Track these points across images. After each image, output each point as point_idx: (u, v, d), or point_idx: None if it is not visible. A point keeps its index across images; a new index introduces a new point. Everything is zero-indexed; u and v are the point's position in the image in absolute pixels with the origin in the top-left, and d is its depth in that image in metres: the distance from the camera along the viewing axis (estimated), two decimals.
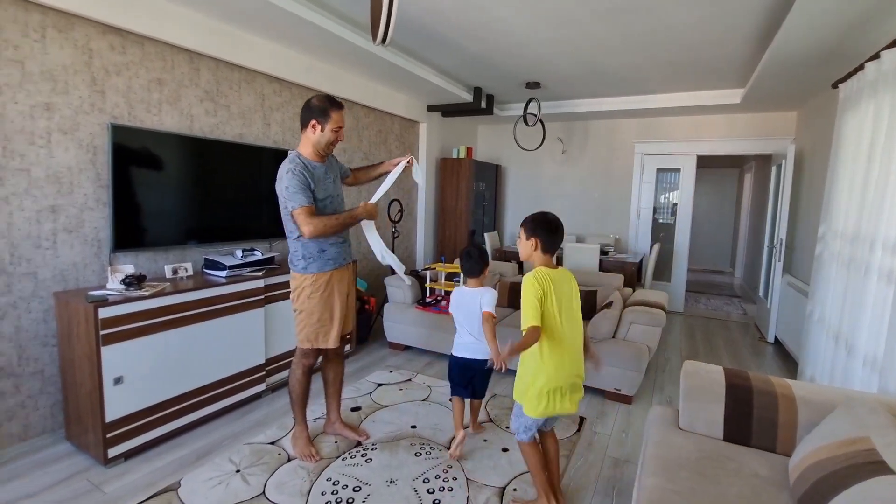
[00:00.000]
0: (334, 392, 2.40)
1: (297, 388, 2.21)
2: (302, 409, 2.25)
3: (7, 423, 2.16)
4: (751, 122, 4.94)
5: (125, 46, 2.47)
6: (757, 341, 4.41)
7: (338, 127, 2.03)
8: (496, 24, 2.98)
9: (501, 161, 6.40)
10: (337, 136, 2.05)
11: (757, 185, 6.86)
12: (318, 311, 2.11)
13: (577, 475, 2.15)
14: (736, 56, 3.43)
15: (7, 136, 2.08)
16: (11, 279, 2.13)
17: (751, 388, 1.75)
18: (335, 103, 2.02)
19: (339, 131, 2.05)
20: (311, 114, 2.01)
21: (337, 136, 2.05)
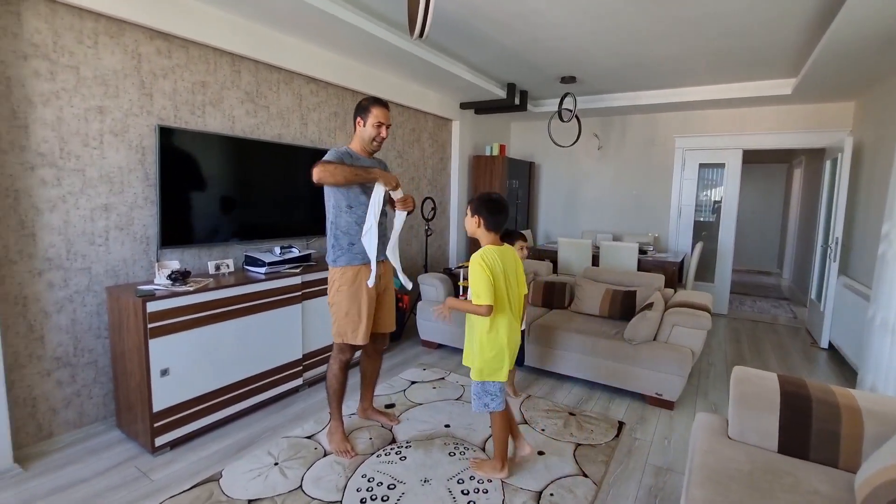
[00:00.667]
0: (368, 384, 2.50)
1: (334, 383, 2.24)
2: (338, 405, 2.27)
3: (64, 410, 2.29)
4: (802, 114, 4.65)
5: (171, 50, 2.56)
6: (808, 347, 4.15)
7: (378, 122, 2.12)
8: (533, 17, 2.91)
9: (535, 158, 6.30)
10: (378, 131, 2.13)
11: (808, 181, 6.46)
12: (345, 306, 2.14)
13: (616, 482, 2.08)
14: (788, 43, 3.22)
15: (64, 139, 2.19)
16: (68, 274, 2.25)
17: (809, 396, 1.63)
18: (378, 101, 2.14)
19: (381, 127, 2.13)
20: (357, 111, 2.17)
21: (378, 132, 2.14)
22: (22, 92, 2.05)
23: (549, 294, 3.68)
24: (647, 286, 3.45)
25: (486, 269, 1.81)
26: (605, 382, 2.98)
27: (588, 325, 3.20)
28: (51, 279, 2.20)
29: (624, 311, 3.31)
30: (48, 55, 2.12)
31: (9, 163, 2.04)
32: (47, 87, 2.12)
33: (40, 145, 2.12)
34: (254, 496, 1.88)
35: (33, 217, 2.12)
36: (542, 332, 3.19)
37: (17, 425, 2.12)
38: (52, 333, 2.22)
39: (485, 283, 1.80)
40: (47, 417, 2.23)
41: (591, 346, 2.99)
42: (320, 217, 3.44)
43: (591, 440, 2.39)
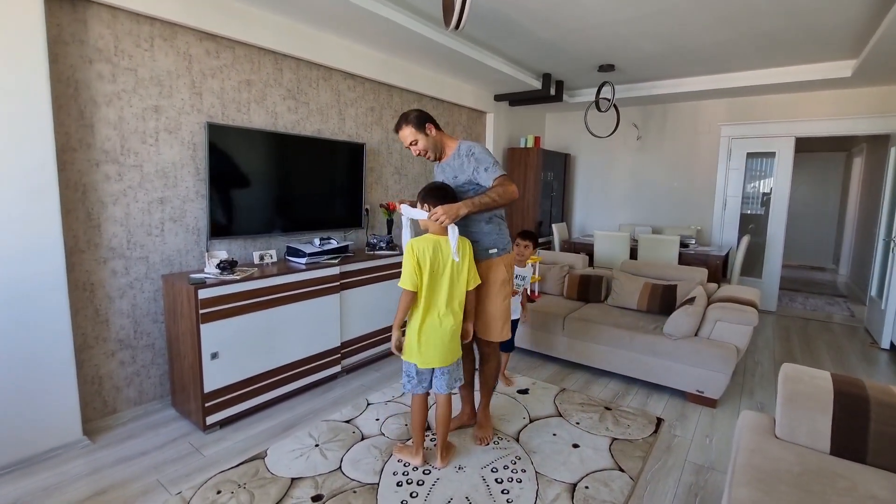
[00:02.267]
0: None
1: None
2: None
3: (126, 388, 2.47)
4: (863, 98, 4.33)
5: (219, 51, 2.69)
6: (867, 346, 3.90)
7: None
8: (570, 6, 2.85)
9: (571, 150, 6.18)
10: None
11: (869, 170, 6.02)
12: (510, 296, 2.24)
13: (654, 478, 2.04)
14: (848, 21, 3.00)
15: (124, 137, 2.35)
16: (129, 262, 2.42)
17: (867, 397, 1.55)
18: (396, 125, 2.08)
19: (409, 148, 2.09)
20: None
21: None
22: (88, 94, 2.22)
23: (584, 287, 3.63)
24: (688, 280, 3.34)
25: (413, 257, 1.87)
26: (643, 378, 2.91)
27: (625, 320, 3.13)
28: (114, 267, 2.37)
29: (664, 306, 3.22)
30: (110, 59, 2.27)
31: (78, 160, 2.21)
32: (110, 88, 2.28)
33: (104, 143, 2.29)
34: (296, 474, 1.98)
35: (99, 210, 2.29)
36: (578, 326, 3.15)
37: (86, 401, 2.32)
38: (115, 317, 2.40)
39: (408, 269, 1.86)
40: (111, 394, 2.42)
41: (629, 340, 2.93)
42: (357, 210, 3.54)
43: (628, 435, 2.35)
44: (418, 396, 2.04)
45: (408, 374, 2.01)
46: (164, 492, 1.88)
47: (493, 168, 1.96)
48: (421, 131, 2.03)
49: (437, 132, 2.07)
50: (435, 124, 2.07)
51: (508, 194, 1.92)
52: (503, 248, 2.10)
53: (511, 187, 1.93)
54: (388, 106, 3.90)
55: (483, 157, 1.99)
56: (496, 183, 1.94)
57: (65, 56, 2.13)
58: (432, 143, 2.06)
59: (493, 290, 2.09)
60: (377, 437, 2.30)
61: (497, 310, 2.11)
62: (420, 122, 2.03)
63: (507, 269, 2.11)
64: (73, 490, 1.88)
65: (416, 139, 2.03)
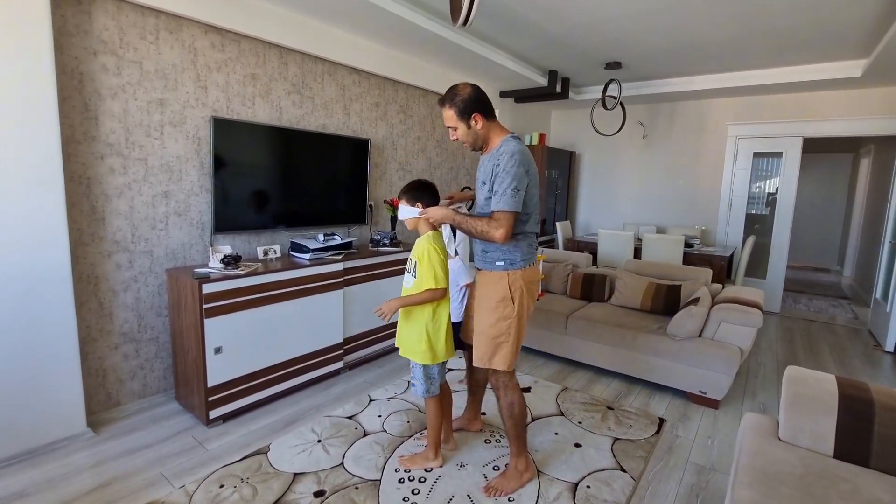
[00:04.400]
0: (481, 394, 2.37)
1: (525, 411, 1.94)
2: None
3: (130, 381, 2.48)
4: (873, 98, 4.28)
5: (224, 44, 2.67)
6: (871, 349, 3.88)
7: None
8: (578, 1, 2.83)
9: (576, 147, 6.15)
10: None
11: (877, 172, 5.97)
12: (525, 316, 1.90)
13: (655, 478, 2.04)
14: (859, 21, 2.97)
15: (129, 130, 2.35)
16: (133, 256, 2.43)
17: (871, 401, 1.54)
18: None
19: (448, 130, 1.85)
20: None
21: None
22: (92, 86, 2.21)
23: (587, 286, 3.62)
24: (692, 281, 3.33)
25: (441, 253, 1.85)
26: (646, 378, 2.91)
27: (628, 319, 3.12)
28: (118, 260, 2.37)
29: (667, 306, 3.21)
30: (115, 51, 2.26)
31: (82, 152, 2.21)
32: (114, 81, 2.27)
33: (109, 136, 2.28)
34: (299, 470, 1.99)
35: (103, 203, 2.29)
36: (581, 325, 3.14)
37: (90, 393, 2.33)
38: (119, 310, 2.40)
39: (441, 267, 1.84)
40: (115, 387, 2.43)
41: (632, 340, 2.92)
42: (360, 205, 3.54)
43: (630, 435, 2.35)
44: (435, 398, 1.99)
45: (430, 377, 1.95)
46: (167, 485, 1.89)
47: (501, 197, 1.67)
48: (464, 121, 1.73)
49: (484, 124, 1.75)
50: (484, 114, 1.75)
51: (488, 237, 1.70)
52: (513, 263, 1.79)
53: (495, 233, 1.67)
54: (392, 101, 3.88)
55: (507, 174, 1.67)
56: (492, 217, 1.70)
57: (69, 48, 2.13)
58: (474, 135, 1.77)
59: (486, 306, 1.82)
60: (379, 433, 2.31)
61: (486, 328, 1.81)
62: (466, 110, 1.72)
63: (513, 288, 1.78)
64: (78, 482, 1.89)
65: (456, 127, 1.75)
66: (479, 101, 1.74)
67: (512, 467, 1.94)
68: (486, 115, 1.76)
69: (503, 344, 1.81)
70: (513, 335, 1.81)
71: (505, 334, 1.80)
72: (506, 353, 1.81)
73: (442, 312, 1.92)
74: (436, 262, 1.83)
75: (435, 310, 1.91)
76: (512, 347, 1.81)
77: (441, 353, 1.93)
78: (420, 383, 1.96)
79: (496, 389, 1.90)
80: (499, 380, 1.88)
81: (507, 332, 1.80)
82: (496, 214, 1.70)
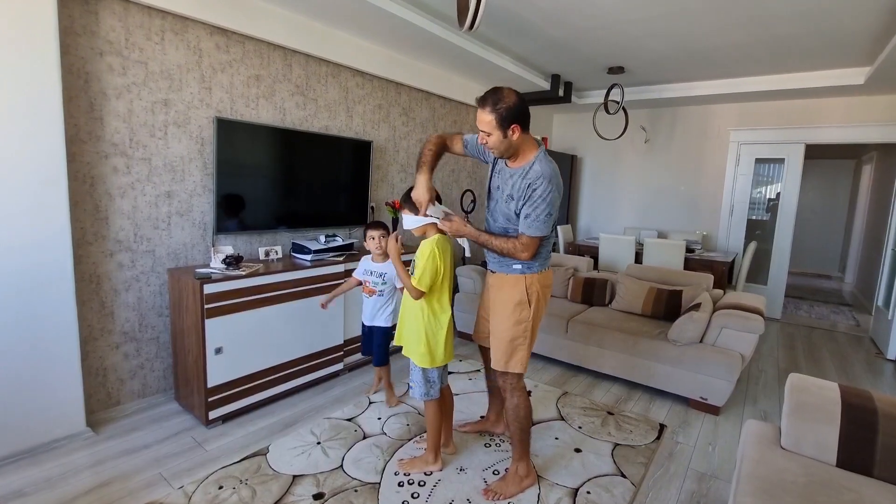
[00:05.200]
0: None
1: (530, 415, 1.95)
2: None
3: (130, 380, 2.48)
4: (875, 106, 4.28)
5: (229, 46, 2.68)
6: (873, 357, 3.87)
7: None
8: (583, 5, 2.83)
9: (577, 151, 6.15)
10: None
11: (879, 178, 5.97)
12: (538, 321, 1.92)
13: (655, 484, 2.03)
14: (863, 28, 2.97)
15: (133, 130, 2.35)
16: (135, 255, 2.43)
17: (875, 409, 1.53)
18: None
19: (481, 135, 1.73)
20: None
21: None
22: (98, 86, 2.22)
23: (588, 291, 3.61)
24: (694, 286, 3.32)
25: (438, 259, 1.83)
26: (646, 383, 2.90)
27: (629, 324, 3.12)
28: (120, 260, 2.38)
29: (668, 311, 3.20)
30: (121, 51, 2.27)
31: (87, 152, 2.21)
32: (120, 81, 2.28)
33: (113, 136, 2.29)
34: (298, 472, 1.98)
35: (106, 202, 2.30)
36: (581, 329, 3.14)
37: (90, 392, 2.32)
38: (121, 310, 2.40)
39: (430, 275, 1.82)
40: (115, 386, 2.43)
41: (633, 345, 2.92)
42: (362, 207, 3.54)
43: (631, 441, 2.34)
44: (435, 402, 1.98)
45: (430, 380, 1.95)
46: (166, 486, 1.89)
47: (534, 222, 1.67)
48: (501, 129, 1.64)
49: (521, 135, 1.68)
50: (523, 125, 1.67)
51: (513, 257, 1.75)
52: (531, 267, 1.80)
53: (522, 255, 1.72)
54: (395, 103, 3.89)
55: (542, 199, 1.65)
56: (520, 240, 1.71)
57: (75, 47, 2.13)
58: (507, 145, 1.69)
59: (503, 310, 1.83)
60: (379, 435, 2.30)
61: (503, 332, 1.82)
62: (507, 119, 1.62)
63: (530, 292, 1.80)
64: (77, 481, 1.89)
65: (491, 133, 1.66)
66: (522, 113, 1.65)
67: (512, 472, 1.94)
68: (524, 127, 1.69)
69: (519, 347, 1.83)
70: (529, 338, 1.84)
71: (521, 337, 1.83)
72: (522, 356, 1.84)
73: (443, 317, 1.91)
74: (430, 268, 1.82)
75: (435, 313, 1.90)
76: (527, 351, 1.85)
77: (440, 356, 1.92)
78: (418, 386, 1.96)
79: (504, 391, 1.91)
80: (507, 381, 1.89)
81: (523, 336, 1.83)
82: (526, 239, 1.71)
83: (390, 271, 2.52)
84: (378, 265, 2.56)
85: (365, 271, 2.58)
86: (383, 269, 2.54)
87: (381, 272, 2.54)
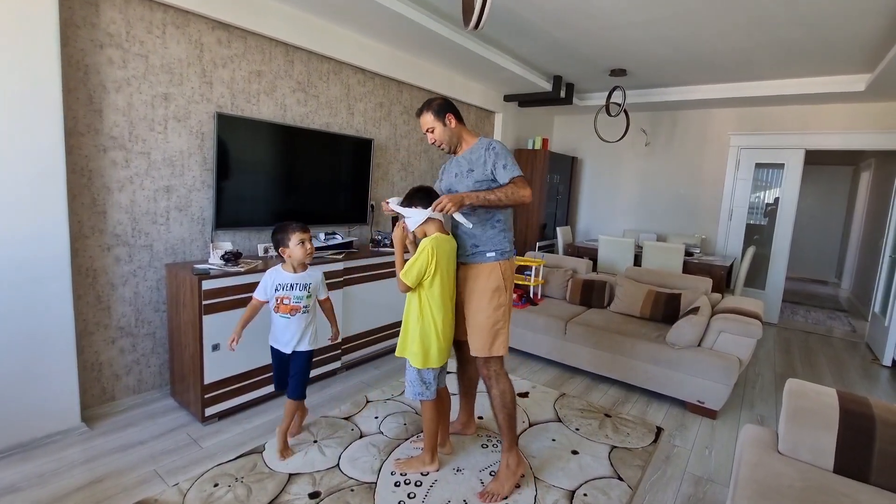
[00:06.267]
0: (472, 393, 2.36)
1: (514, 401, 1.98)
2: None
3: (125, 376, 2.46)
4: (876, 113, 4.30)
5: (230, 41, 2.67)
6: (869, 363, 3.88)
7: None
8: (586, 7, 2.83)
9: (578, 153, 6.15)
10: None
11: (877, 185, 5.99)
12: (510, 305, 2.03)
13: (652, 488, 2.03)
14: (865, 35, 2.98)
15: (133, 123, 2.34)
16: (132, 250, 2.41)
17: (872, 416, 1.53)
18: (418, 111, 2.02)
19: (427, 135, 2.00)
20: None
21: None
22: (98, 79, 2.20)
23: (587, 292, 3.61)
24: (692, 289, 3.32)
25: (433, 258, 1.81)
26: (644, 386, 2.90)
27: (627, 327, 3.12)
28: (118, 254, 2.36)
29: (667, 314, 3.21)
30: (121, 44, 2.25)
31: (85, 145, 2.19)
32: (120, 74, 2.26)
33: (112, 129, 2.27)
34: (294, 470, 1.97)
35: (104, 196, 2.28)
36: (580, 331, 3.13)
37: (85, 387, 2.31)
38: (117, 304, 2.39)
39: (418, 272, 1.81)
40: (111, 382, 2.41)
41: (631, 347, 2.92)
42: (362, 205, 3.53)
43: (628, 443, 2.34)
44: (431, 402, 1.96)
45: (425, 381, 1.93)
46: (160, 482, 1.87)
47: (512, 167, 1.85)
48: (440, 120, 1.93)
49: (457, 124, 1.96)
50: (457, 116, 1.96)
51: (519, 197, 1.80)
52: (503, 253, 1.94)
53: (524, 191, 1.81)
54: (397, 102, 3.88)
55: (503, 153, 1.87)
56: (514, 183, 1.82)
57: (75, 39, 2.12)
58: (449, 134, 1.95)
59: (483, 297, 1.90)
60: (376, 434, 2.29)
61: (484, 319, 1.89)
62: (441, 110, 1.93)
63: (505, 276, 1.92)
64: (70, 477, 1.87)
65: (434, 127, 1.94)
66: (452, 106, 1.97)
67: (503, 466, 1.95)
68: (458, 118, 1.97)
69: (501, 331, 1.92)
70: (507, 321, 1.95)
71: (502, 321, 1.92)
72: (503, 339, 1.93)
73: (437, 317, 1.88)
74: (418, 264, 1.81)
75: (431, 313, 1.88)
76: (507, 334, 1.95)
77: (434, 358, 1.91)
78: (412, 385, 1.95)
79: (488, 379, 1.96)
80: (491, 369, 1.94)
81: (503, 319, 1.93)
82: (518, 179, 1.83)
83: (315, 278, 2.14)
84: (300, 275, 2.09)
85: (280, 286, 2.05)
86: (308, 279, 2.10)
87: (306, 283, 2.09)
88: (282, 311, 2.06)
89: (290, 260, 2.08)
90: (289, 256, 2.07)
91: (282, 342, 2.10)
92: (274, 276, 2.06)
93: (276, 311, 2.07)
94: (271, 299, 2.07)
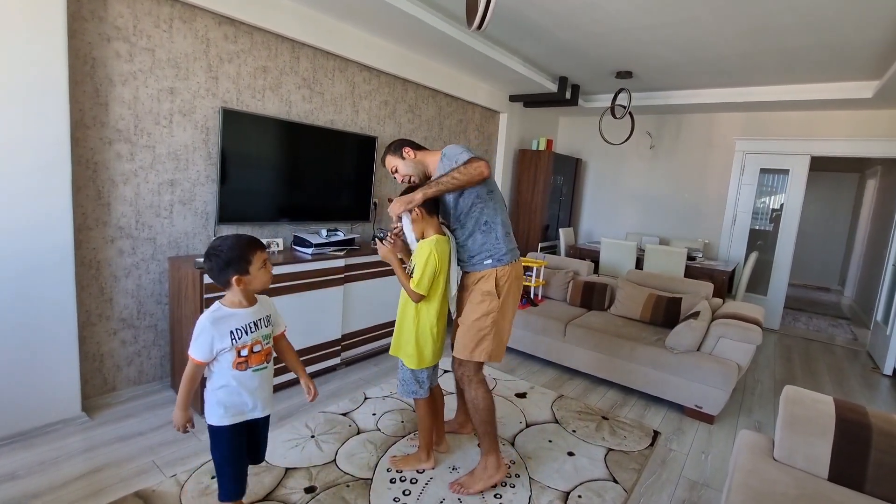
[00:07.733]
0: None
1: (493, 406, 1.98)
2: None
3: (126, 367, 2.48)
4: (883, 120, 4.27)
5: (237, 36, 2.68)
6: (869, 371, 3.87)
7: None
8: (593, 10, 2.83)
9: (582, 155, 6.14)
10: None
11: (883, 193, 5.96)
12: (511, 312, 2.00)
13: (647, 491, 2.04)
14: (873, 42, 2.96)
15: (139, 117, 2.35)
16: (136, 243, 2.43)
17: (869, 425, 1.53)
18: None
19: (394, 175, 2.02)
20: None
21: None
22: (104, 72, 2.21)
23: (588, 294, 3.61)
24: (693, 294, 3.32)
25: (437, 261, 1.80)
26: (642, 389, 2.90)
27: (627, 329, 3.12)
28: (121, 246, 2.38)
29: (667, 318, 3.20)
30: (128, 38, 2.27)
31: (90, 137, 2.21)
32: (126, 67, 2.28)
33: (118, 122, 2.29)
34: (291, 465, 1.99)
35: (109, 188, 2.30)
36: (579, 333, 3.14)
37: (86, 378, 2.33)
38: (120, 296, 2.41)
39: (430, 277, 1.80)
40: (112, 373, 2.43)
41: (630, 350, 2.92)
42: (365, 203, 3.54)
43: (624, 446, 2.35)
44: (425, 401, 1.99)
45: (419, 381, 1.95)
46: (158, 473, 1.89)
47: (466, 154, 1.81)
48: (398, 156, 1.95)
49: (415, 153, 1.96)
50: (413, 146, 1.97)
51: (473, 171, 1.72)
52: (500, 258, 1.89)
53: (475, 163, 1.73)
54: (402, 100, 3.88)
55: (453, 152, 1.85)
56: (467, 164, 1.76)
57: (83, 32, 2.13)
58: (412, 165, 1.95)
59: (473, 300, 1.90)
60: (373, 431, 2.30)
61: (470, 321, 1.88)
62: (397, 148, 1.96)
63: (500, 282, 1.88)
64: (69, 466, 1.89)
65: (396, 165, 1.96)
66: (405, 141, 1.99)
67: (481, 467, 1.95)
68: (414, 147, 1.98)
69: (486, 337, 1.89)
70: (495, 329, 1.90)
71: (488, 328, 1.89)
72: (486, 346, 1.89)
73: (432, 317, 1.89)
74: (429, 270, 1.80)
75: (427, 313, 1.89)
76: (494, 341, 1.90)
77: (428, 358, 1.93)
78: (405, 384, 1.97)
79: (460, 382, 1.97)
80: (464, 373, 1.94)
81: (490, 326, 1.89)
82: (469, 159, 1.78)
83: (270, 304, 1.60)
84: (256, 308, 1.50)
85: (239, 331, 1.42)
86: (266, 308, 1.55)
87: (266, 313, 1.54)
88: (253, 362, 1.46)
89: (245, 290, 1.44)
90: (244, 286, 1.42)
91: (259, 407, 1.51)
92: (221, 323, 1.40)
93: (239, 367, 1.43)
94: (226, 355, 1.41)
